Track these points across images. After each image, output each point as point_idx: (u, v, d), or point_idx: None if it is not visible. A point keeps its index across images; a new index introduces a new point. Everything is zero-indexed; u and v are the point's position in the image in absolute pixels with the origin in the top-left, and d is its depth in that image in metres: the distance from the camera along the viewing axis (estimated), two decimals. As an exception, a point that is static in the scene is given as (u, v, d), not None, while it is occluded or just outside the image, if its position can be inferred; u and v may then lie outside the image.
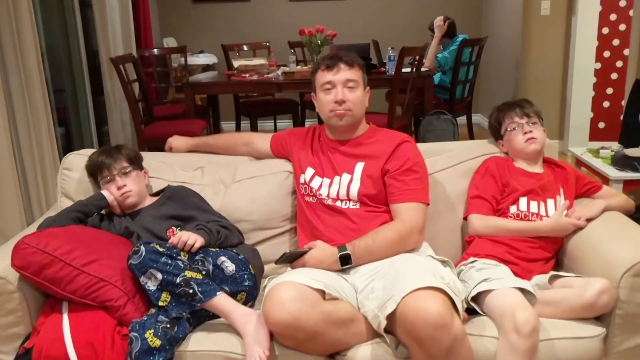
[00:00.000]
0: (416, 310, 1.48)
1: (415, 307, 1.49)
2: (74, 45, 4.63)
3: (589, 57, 4.77)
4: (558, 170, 2.09)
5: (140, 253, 1.67)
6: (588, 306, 1.65)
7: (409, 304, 1.50)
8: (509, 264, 1.86)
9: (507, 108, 2.13)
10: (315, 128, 2.14)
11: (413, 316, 1.48)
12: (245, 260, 1.87)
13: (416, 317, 1.48)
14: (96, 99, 4.83)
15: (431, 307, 1.47)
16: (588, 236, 1.88)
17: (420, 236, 1.88)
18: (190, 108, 4.37)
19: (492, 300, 1.70)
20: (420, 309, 1.48)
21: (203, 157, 2.31)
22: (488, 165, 2.07)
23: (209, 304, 1.68)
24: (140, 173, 2.09)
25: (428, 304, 1.48)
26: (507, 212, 1.98)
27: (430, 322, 1.46)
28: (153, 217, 1.98)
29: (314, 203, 1.99)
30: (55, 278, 1.66)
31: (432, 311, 1.47)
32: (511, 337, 1.58)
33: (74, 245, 1.72)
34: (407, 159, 1.93)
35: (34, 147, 3.39)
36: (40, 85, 3.39)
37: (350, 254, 1.79)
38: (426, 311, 1.47)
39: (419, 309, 1.48)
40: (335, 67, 1.95)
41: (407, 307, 1.50)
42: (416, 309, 1.48)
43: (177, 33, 6.40)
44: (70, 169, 2.17)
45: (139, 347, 1.58)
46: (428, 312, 1.47)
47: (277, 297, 1.58)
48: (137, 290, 1.73)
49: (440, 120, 4.45)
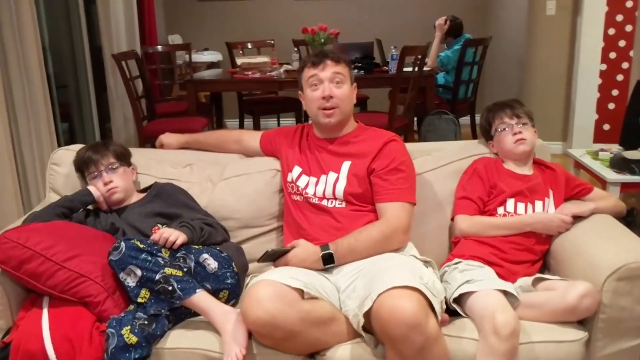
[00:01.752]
0: (390, 308, 1.47)
1: (389, 305, 1.48)
2: (77, 41, 4.65)
3: (594, 58, 4.71)
4: (548, 172, 2.06)
5: (120, 249, 1.67)
6: (570, 309, 1.63)
7: (384, 303, 1.49)
8: (493, 266, 1.84)
9: (497, 108, 2.10)
10: (304, 126, 2.13)
11: (387, 314, 1.48)
12: (228, 257, 1.87)
13: (390, 316, 1.47)
14: (99, 95, 4.85)
15: (405, 306, 1.46)
16: (574, 238, 1.86)
17: (405, 236, 1.86)
18: (192, 105, 4.37)
19: (474, 301, 1.69)
20: (395, 308, 1.47)
21: (193, 155, 2.31)
22: (476, 166, 2.05)
23: (189, 302, 1.68)
24: (128, 169, 2.09)
25: (402, 302, 1.47)
26: (494, 214, 1.96)
27: (403, 321, 1.45)
28: (139, 214, 1.98)
29: (301, 202, 1.98)
30: (35, 273, 1.66)
31: (406, 310, 1.46)
32: (490, 339, 1.56)
33: (55, 240, 1.72)
34: (394, 158, 1.92)
35: (33, 142, 3.41)
36: (41, 80, 3.41)
37: (332, 253, 1.78)
38: (400, 310, 1.46)
39: (393, 307, 1.47)
40: (321, 64, 1.94)
41: (381, 306, 1.49)
42: (390, 308, 1.47)
43: (183, 30, 6.42)
44: (58, 164, 2.18)
45: (115, 343, 1.58)
46: (402, 311, 1.46)
47: (254, 295, 1.57)
48: (117, 287, 1.73)
49: (441, 120, 4.41)
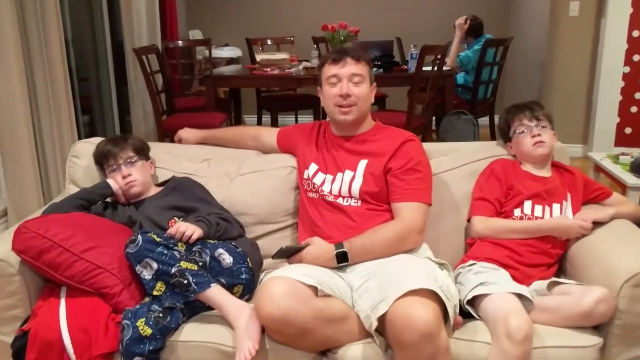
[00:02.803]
0: (405, 315, 1.47)
1: (404, 312, 1.47)
2: (99, 35, 4.71)
3: (618, 60, 4.64)
4: (566, 175, 2.04)
5: (137, 242, 1.69)
6: (585, 315, 1.61)
7: (399, 309, 1.48)
8: (508, 268, 1.83)
9: (516, 110, 2.09)
10: (321, 124, 2.13)
11: (401, 321, 1.47)
12: (243, 253, 1.88)
13: (404, 323, 1.46)
14: (120, 89, 4.90)
15: (420, 314, 1.46)
16: (592, 243, 1.84)
17: (420, 237, 1.86)
18: (211, 101, 4.39)
19: (488, 304, 1.68)
20: (409, 315, 1.46)
21: (211, 150, 2.33)
22: (493, 167, 2.03)
23: (203, 296, 1.69)
24: (146, 163, 2.12)
25: (418, 311, 1.46)
26: (511, 215, 1.95)
27: (416, 329, 1.45)
28: (156, 207, 2.00)
29: (316, 199, 1.98)
30: (53, 263, 1.69)
31: (421, 318, 1.45)
32: (503, 343, 1.55)
33: (74, 231, 1.74)
34: (411, 158, 1.92)
35: (54, 134, 3.45)
36: (63, 73, 3.45)
37: (347, 251, 1.78)
38: (415, 318, 1.45)
39: (408, 314, 1.46)
40: (341, 61, 1.94)
41: (396, 311, 1.49)
42: (405, 315, 1.47)
43: (203, 26, 6.45)
44: (78, 157, 2.21)
45: (130, 334, 1.60)
46: (416, 319, 1.45)
47: (268, 291, 1.58)
48: (133, 279, 1.75)
49: (460, 121, 4.39)
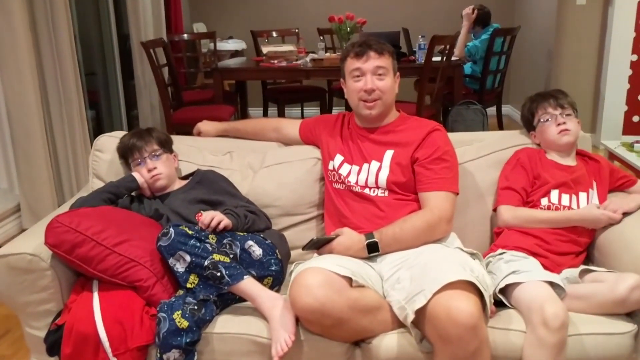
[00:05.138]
0: (447, 309, 1.46)
1: (446, 306, 1.47)
2: (105, 29, 4.68)
3: (625, 49, 4.65)
4: (592, 163, 2.04)
5: (170, 235, 1.68)
6: (619, 302, 1.62)
7: (440, 302, 1.48)
8: (538, 257, 1.83)
9: (540, 99, 2.08)
10: (345, 115, 2.13)
11: (444, 315, 1.47)
12: (272, 245, 1.88)
13: (447, 317, 1.46)
14: (126, 83, 4.89)
15: (463, 307, 1.45)
16: (621, 230, 1.84)
17: (449, 226, 1.86)
18: (219, 93, 4.38)
19: (521, 293, 1.68)
20: (452, 309, 1.46)
21: (232, 142, 2.32)
22: (519, 156, 2.03)
23: (236, 288, 1.69)
24: (170, 156, 2.11)
25: (460, 304, 1.46)
26: (538, 205, 1.95)
27: (461, 323, 1.44)
28: (183, 200, 2.00)
29: (342, 190, 1.98)
30: (86, 257, 1.69)
31: (464, 312, 1.45)
32: (539, 331, 1.56)
33: (105, 225, 1.74)
34: (437, 147, 1.91)
35: (65, 129, 3.45)
36: (73, 68, 3.44)
37: (377, 241, 1.78)
38: (458, 311, 1.45)
39: (450, 308, 1.46)
40: (364, 55, 1.93)
41: (437, 305, 1.48)
42: (447, 308, 1.46)
43: (207, 18, 6.42)
44: (101, 151, 2.20)
45: (167, 327, 1.60)
46: (460, 313, 1.45)
47: (304, 282, 1.58)
48: (165, 272, 1.75)
49: (469, 111, 4.39)
